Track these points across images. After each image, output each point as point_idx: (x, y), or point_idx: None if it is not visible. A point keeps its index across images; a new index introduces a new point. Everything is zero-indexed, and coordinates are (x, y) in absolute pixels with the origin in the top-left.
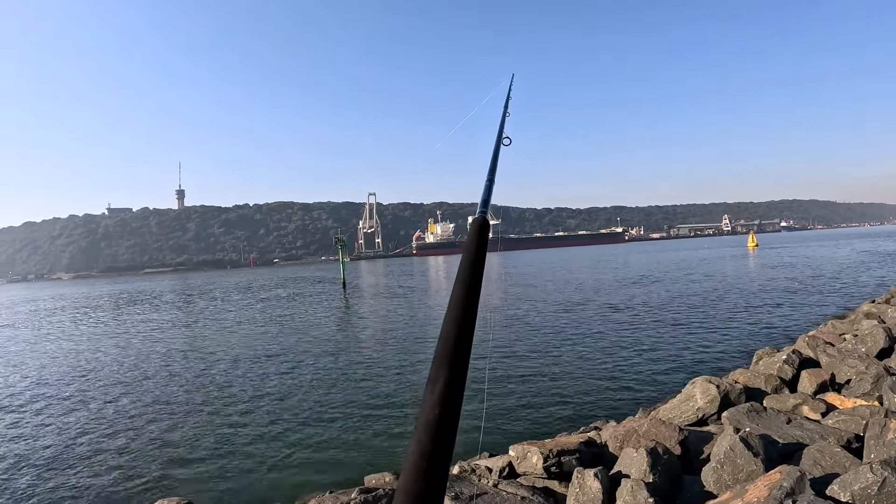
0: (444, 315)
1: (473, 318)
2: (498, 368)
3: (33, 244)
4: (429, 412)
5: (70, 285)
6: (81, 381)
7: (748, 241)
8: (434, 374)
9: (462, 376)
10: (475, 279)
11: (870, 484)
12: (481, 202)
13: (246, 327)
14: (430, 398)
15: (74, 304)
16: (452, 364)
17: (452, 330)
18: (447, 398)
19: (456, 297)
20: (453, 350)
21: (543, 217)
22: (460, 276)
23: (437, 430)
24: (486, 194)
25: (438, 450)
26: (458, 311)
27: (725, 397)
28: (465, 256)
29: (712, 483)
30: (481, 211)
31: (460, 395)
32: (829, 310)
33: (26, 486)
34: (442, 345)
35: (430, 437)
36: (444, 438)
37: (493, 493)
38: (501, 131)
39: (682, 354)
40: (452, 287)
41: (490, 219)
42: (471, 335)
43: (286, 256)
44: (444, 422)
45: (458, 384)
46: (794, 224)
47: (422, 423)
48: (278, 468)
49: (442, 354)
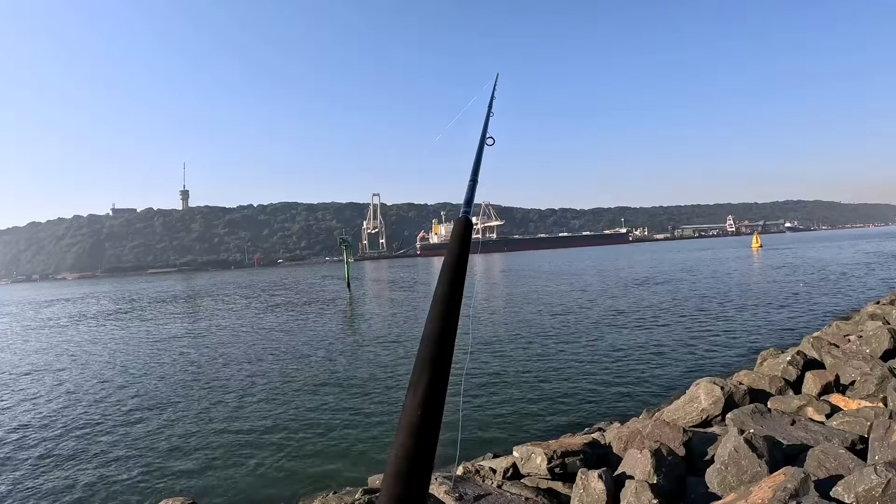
0: (427, 316)
1: (456, 319)
2: (500, 369)
3: (38, 244)
4: (411, 415)
5: (74, 285)
6: (86, 380)
7: (752, 242)
8: (416, 376)
9: (444, 378)
10: (458, 279)
11: (874, 485)
12: (464, 202)
13: (249, 328)
14: (412, 401)
15: (79, 304)
16: (434, 366)
17: (435, 331)
18: (429, 400)
19: (438, 297)
20: (435, 351)
21: (547, 218)
22: (443, 276)
23: (420, 433)
24: (470, 194)
25: (420, 453)
26: (440, 313)
27: (730, 398)
28: (448, 256)
29: (716, 485)
30: (464, 211)
31: (442, 397)
32: (833, 311)
33: (31, 484)
34: (424, 346)
35: (412, 440)
36: (426, 441)
37: (497, 494)
38: (485, 131)
39: (686, 355)
40: (435, 287)
41: (475, 220)
42: (453, 336)
43: (290, 257)
44: (426, 425)
45: (441, 386)
46: (798, 225)
47: (404, 426)
48: (282, 468)
49: (424, 356)
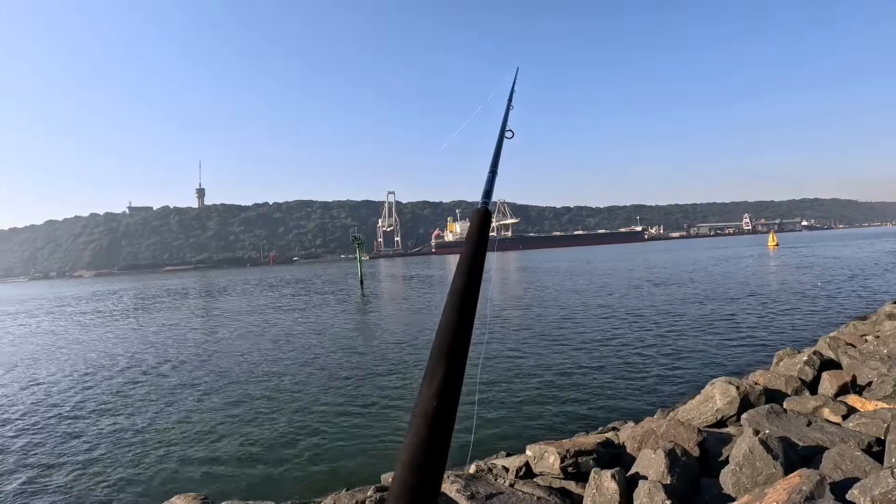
0: (444, 306)
1: (473, 310)
2: (513, 365)
3: (55, 242)
4: (426, 404)
5: (91, 283)
6: (99, 377)
7: (769, 241)
8: (432, 366)
9: (461, 369)
10: (476, 270)
11: (891, 489)
12: (483, 194)
13: (263, 325)
14: (428, 391)
15: (100, 301)
16: (451, 356)
17: (451, 321)
18: (445, 391)
19: (455, 288)
20: (452, 342)
21: (562, 216)
22: (461, 267)
23: (435, 422)
24: (489, 186)
25: (435, 443)
26: (457, 303)
27: (745, 399)
28: (467, 248)
29: (731, 486)
30: (483, 202)
31: (458, 387)
32: (850, 311)
33: (42, 479)
34: (440, 336)
35: (427, 429)
36: (441, 431)
37: (510, 493)
38: (505, 124)
39: (701, 355)
40: (453, 278)
41: (494, 213)
42: (470, 327)
43: (305, 255)
44: (441, 415)
45: (457, 377)
46: (815, 223)
47: (419, 415)
48: (295, 465)
49: (440, 346)
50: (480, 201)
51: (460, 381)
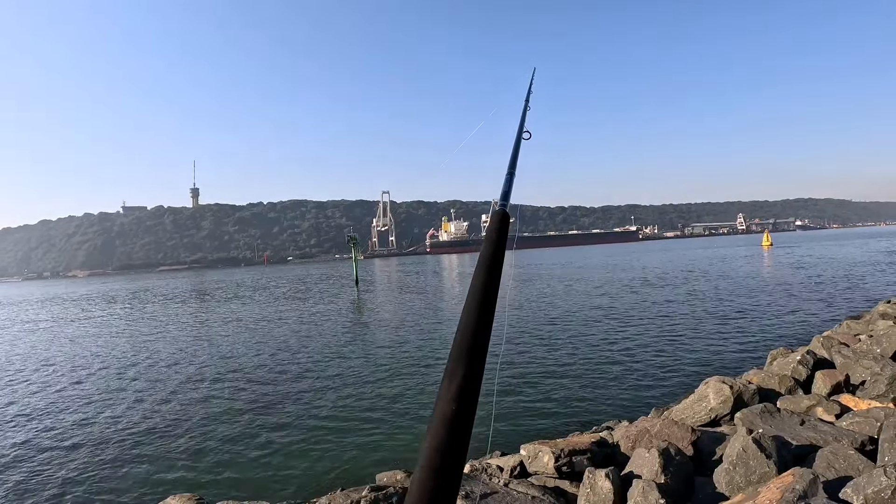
0: (463, 308)
1: (492, 312)
2: (509, 367)
3: (49, 242)
4: (445, 407)
5: (85, 283)
6: (96, 376)
7: (763, 241)
8: (451, 368)
9: (479, 371)
10: (495, 272)
11: (883, 487)
12: (502, 195)
13: (258, 325)
14: (447, 393)
15: (90, 301)
16: (470, 358)
17: (471, 323)
18: (464, 393)
19: (475, 290)
20: (471, 344)
21: (557, 215)
22: (480, 269)
23: (454, 425)
24: (507, 187)
25: (454, 446)
26: (477, 305)
27: (739, 398)
28: (485, 249)
29: (724, 485)
30: (501, 204)
31: (477, 390)
32: (843, 310)
33: (39, 478)
34: (460, 338)
35: (446, 432)
36: (459, 434)
37: (504, 493)
38: (522, 125)
39: (694, 354)
40: (472, 280)
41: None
42: (489, 329)
43: (300, 255)
44: (460, 417)
45: (476, 379)
46: (809, 223)
47: (438, 418)
48: (289, 465)
49: (460, 348)
50: (499, 203)
51: (479, 383)
